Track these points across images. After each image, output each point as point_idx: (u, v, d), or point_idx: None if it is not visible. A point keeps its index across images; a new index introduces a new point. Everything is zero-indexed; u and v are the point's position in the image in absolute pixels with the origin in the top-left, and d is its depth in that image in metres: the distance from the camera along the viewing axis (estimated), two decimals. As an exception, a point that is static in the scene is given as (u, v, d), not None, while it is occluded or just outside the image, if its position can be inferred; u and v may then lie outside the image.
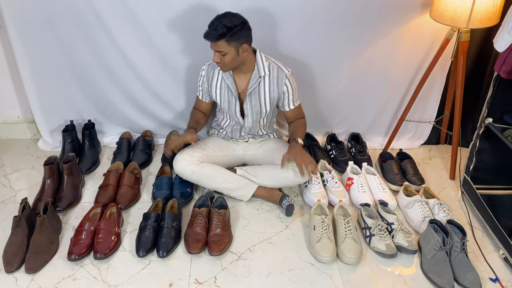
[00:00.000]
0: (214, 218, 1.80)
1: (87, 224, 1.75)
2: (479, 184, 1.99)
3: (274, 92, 1.95)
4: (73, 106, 2.35)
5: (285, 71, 1.93)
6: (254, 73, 1.91)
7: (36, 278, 1.63)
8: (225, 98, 2.00)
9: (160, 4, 2.02)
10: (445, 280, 1.61)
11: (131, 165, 2.16)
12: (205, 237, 1.76)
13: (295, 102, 2.02)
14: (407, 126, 2.45)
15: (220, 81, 1.97)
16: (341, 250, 1.72)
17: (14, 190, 2.10)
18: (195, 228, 1.77)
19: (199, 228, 1.77)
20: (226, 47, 1.75)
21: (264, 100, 1.96)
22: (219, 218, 1.81)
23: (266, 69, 1.91)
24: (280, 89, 1.94)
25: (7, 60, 2.26)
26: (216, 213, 1.82)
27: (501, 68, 1.71)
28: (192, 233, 1.76)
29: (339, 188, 2.05)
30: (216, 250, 1.72)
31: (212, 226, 1.78)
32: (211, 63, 2.00)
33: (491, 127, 1.86)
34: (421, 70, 2.26)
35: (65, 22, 2.06)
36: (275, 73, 1.93)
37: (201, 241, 1.74)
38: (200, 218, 1.80)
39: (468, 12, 1.81)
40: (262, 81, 1.92)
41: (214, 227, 1.77)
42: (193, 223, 1.79)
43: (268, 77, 1.92)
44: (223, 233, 1.77)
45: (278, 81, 1.93)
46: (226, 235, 1.78)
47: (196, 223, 1.79)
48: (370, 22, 2.10)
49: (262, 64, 1.90)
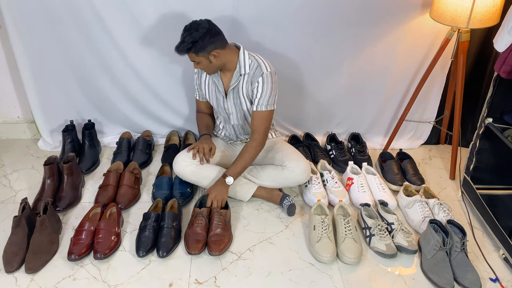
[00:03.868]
0: (214, 218, 1.80)
1: (87, 224, 1.75)
2: (479, 184, 1.99)
3: (248, 90, 1.91)
4: (73, 106, 2.35)
5: (263, 70, 1.85)
6: (236, 70, 1.90)
7: (36, 278, 1.63)
8: (213, 95, 2.00)
9: (160, 4, 2.02)
10: (445, 280, 1.61)
11: (131, 165, 2.16)
12: (205, 237, 1.76)
13: (262, 105, 1.87)
14: (407, 126, 2.45)
15: (208, 79, 1.99)
16: (341, 250, 1.72)
17: (14, 190, 2.10)
18: (195, 228, 1.77)
19: (199, 228, 1.77)
20: (197, 58, 1.79)
21: (244, 98, 1.93)
22: (219, 218, 1.81)
23: (247, 67, 1.87)
24: (253, 85, 1.88)
25: (7, 60, 2.26)
26: (217, 213, 1.82)
27: (501, 68, 1.71)
28: (192, 233, 1.76)
29: (339, 188, 2.05)
30: (216, 250, 1.72)
31: (213, 226, 1.78)
32: None
33: (491, 127, 1.86)
34: (421, 70, 2.26)
35: (65, 22, 2.06)
36: (253, 71, 1.88)
37: (201, 241, 1.74)
38: (201, 218, 1.80)
39: (468, 12, 1.81)
40: (242, 79, 1.90)
41: (215, 227, 1.77)
42: (193, 223, 1.79)
43: (247, 75, 1.89)
44: (223, 233, 1.77)
45: (253, 78, 1.88)
46: (226, 235, 1.78)
47: (196, 223, 1.79)
48: (370, 22, 2.10)
49: (244, 62, 1.88)
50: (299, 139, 2.46)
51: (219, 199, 1.88)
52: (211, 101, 2.04)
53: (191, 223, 1.81)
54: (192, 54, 1.78)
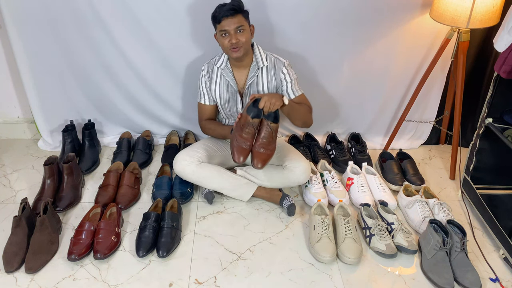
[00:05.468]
0: (263, 130, 1.81)
1: (87, 224, 1.75)
2: (479, 184, 1.99)
3: (272, 83, 1.94)
4: (73, 106, 2.35)
5: (283, 61, 1.94)
6: (252, 65, 1.91)
7: (36, 278, 1.63)
8: (225, 95, 1.99)
9: (159, 4, 2.02)
10: (445, 280, 1.61)
11: (131, 165, 2.16)
12: (251, 147, 1.79)
13: (295, 91, 1.97)
14: (407, 126, 2.45)
15: (220, 79, 1.97)
16: (341, 250, 1.72)
17: (14, 190, 2.10)
18: (244, 135, 1.79)
19: (247, 136, 1.78)
20: (245, 22, 1.79)
21: (263, 92, 1.95)
22: (268, 131, 1.81)
23: (265, 60, 1.91)
24: (277, 78, 1.93)
25: (7, 60, 2.27)
26: (267, 126, 1.81)
27: (501, 68, 1.71)
28: (240, 139, 1.78)
29: (339, 188, 2.05)
30: (259, 162, 1.76)
31: (260, 137, 1.80)
32: (209, 62, 2.00)
33: (491, 127, 1.86)
34: (421, 70, 2.26)
35: (65, 22, 2.06)
36: (272, 64, 1.93)
37: (246, 150, 1.77)
38: (250, 127, 1.80)
39: (468, 12, 1.81)
40: (260, 72, 1.92)
41: (262, 139, 1.79)
42: (242, 130, 1.80)
43: (266, 68, 1.92)
44: (269, 147, 1.80)
45: (275, 70, 1.92)
46: (271, 150, 1.80)
47: (245, 131, 1.79)
48: (370, 22, 2.11)
49: (260, 55, 1.90)
50: (299, 139, 2.46)
51: (273, 102, 1.75)
52: (221, 101, 2.02)
53: (239, 128, 1.81)
54: (241, 17, 1.78)
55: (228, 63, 1.96)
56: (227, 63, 1.96)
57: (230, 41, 1.79)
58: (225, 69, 1.95)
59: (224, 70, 1.95)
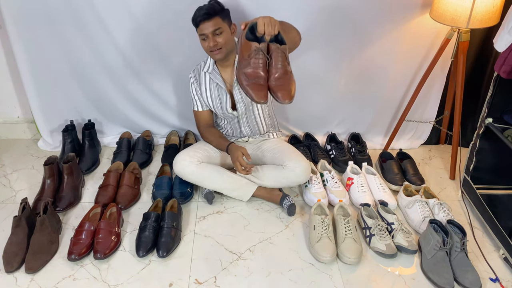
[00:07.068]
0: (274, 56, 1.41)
1: (87, 224, 1.75)
2: (479, 184, 1.99)
3: None
4: (73, 106, 2.36)
5: None
6: (236, 64, 1.89)
7: (36, 278, 1.63)
8: (216, 97, 1.99)
9: (159, 4, 2.02)
10: (445, 280, 1.61)
11: (131, 165, 2.16)
12: (267, 81, 1.42)
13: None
14: (407, 126, 2.45)
15: (209, 82, 1.98)
16: (341, 250, 1.72)
17: (14, 190, 2.10)
18: (256, 70, 1.39)
19: (260, 69, 1.39)
20: (222, 24, 1.78)
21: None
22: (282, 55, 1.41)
23: None
24: None
25: (7, 60, 2.27)
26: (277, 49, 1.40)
27: (501, 68, 1.71)
28: (251, 76, 1.40)
29: (339, 188, 2.05)
30: (287, 97, 1.40)
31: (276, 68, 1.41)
32: (195, 69, 2.02)
33: (491, 127, 1.86)
34: (421, 70, 2.26)
35: (65, 22, 2.06)
36: None
37: (264, 87, 1.41)
38: (261, 56, 1.40)
39: (468, 12, 1.81)
40: None
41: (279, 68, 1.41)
42: (250, 63, 1.41)
43: None
44: (289, 76, 1.43)
45: None
46: (291, 77, 1.45)
47: (255, 63, 1.40)
48: (370, 22, 2.10)
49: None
50: (299, 139, 2.46)
51: (273, 22, 1.46)
52: (214, 105, 2.02)
53: (246, 62, 1.42)
54: (218, 19, 1.76)
55: (215, 66, 1.96)
56: (214, 66, 1.96)
57: (209, 44, 1.80)
58: (213, 73, 1.96)
59: (212, 73, 1.96)
